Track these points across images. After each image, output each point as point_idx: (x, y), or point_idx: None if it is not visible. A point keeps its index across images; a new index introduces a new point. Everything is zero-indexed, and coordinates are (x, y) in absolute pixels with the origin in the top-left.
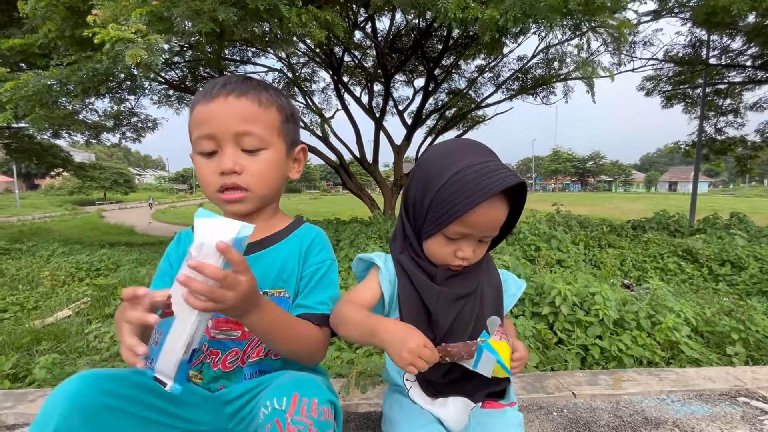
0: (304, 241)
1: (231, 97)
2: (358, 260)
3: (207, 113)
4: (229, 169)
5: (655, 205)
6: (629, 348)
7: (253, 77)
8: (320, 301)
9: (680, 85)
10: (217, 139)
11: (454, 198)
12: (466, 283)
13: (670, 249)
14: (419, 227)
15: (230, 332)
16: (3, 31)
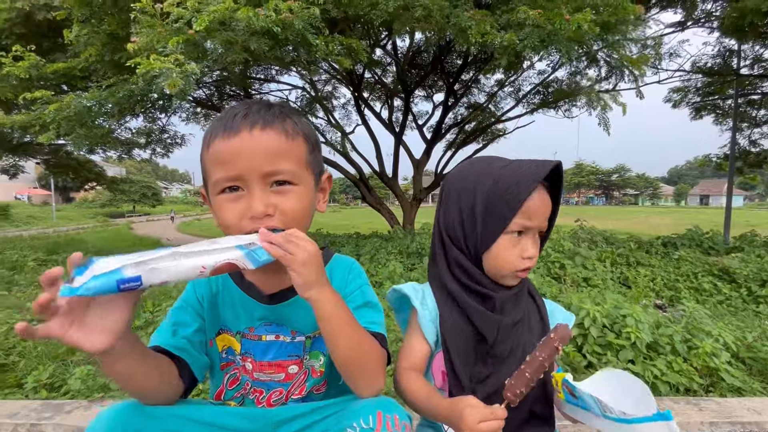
0: (340, 274)
1: (256, 131)
2: (392, 291)
3: (230, 151)
4: (262, 212)
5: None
6: (664, 374)
7: (271, 102)
8: (371, 320)
9: (710, 96)
10: (243, 180)
11: (510, 188)
12: (520, 305)
13: (704, 268)
14: (474, 241)
15: (273, 375)
16: (49, 56)
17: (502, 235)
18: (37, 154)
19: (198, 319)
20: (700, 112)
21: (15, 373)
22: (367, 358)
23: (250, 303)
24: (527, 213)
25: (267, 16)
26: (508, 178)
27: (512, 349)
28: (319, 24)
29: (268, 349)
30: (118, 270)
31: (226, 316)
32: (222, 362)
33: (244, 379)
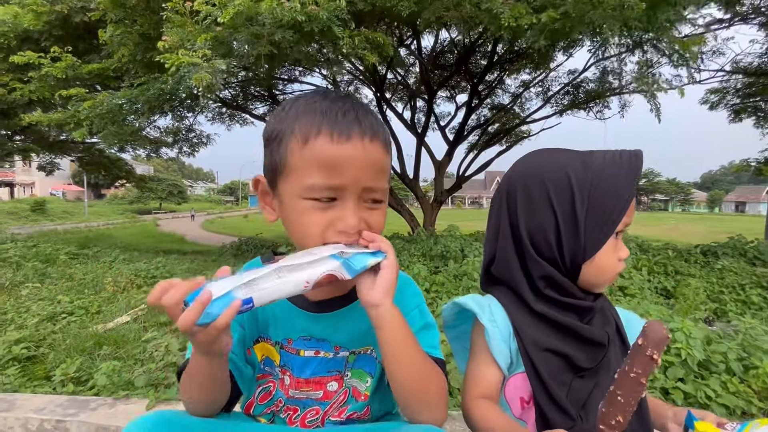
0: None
1: (367, 141)
2: (453, 305)
3: (339, 157)
4: (355, 227)
5: (720, 227)
6: (719, 395)
7: (350, 99)
8: (431, 344)
9: (751, 97)
10: (343, 191)
11: (614, 185)
12: (606, 316)
13: (752, 279)
14: (575, 248)
15: (311, 392)
16: (84, 57)
17: (612, 238)
18: (72, 152)
19: (238, 329)
20: (740, 115)
21: (44, 365)
22: (431, 385)
23: (292, 311)
24: (630, 209)
25: (291, 7)
26: (608, 171)
27: (608, 364)
28: (345, 16)
29: (306, 365)
30: (230, 294)
31: (266, 324)
32: (259, 373)
33: (278, 395)
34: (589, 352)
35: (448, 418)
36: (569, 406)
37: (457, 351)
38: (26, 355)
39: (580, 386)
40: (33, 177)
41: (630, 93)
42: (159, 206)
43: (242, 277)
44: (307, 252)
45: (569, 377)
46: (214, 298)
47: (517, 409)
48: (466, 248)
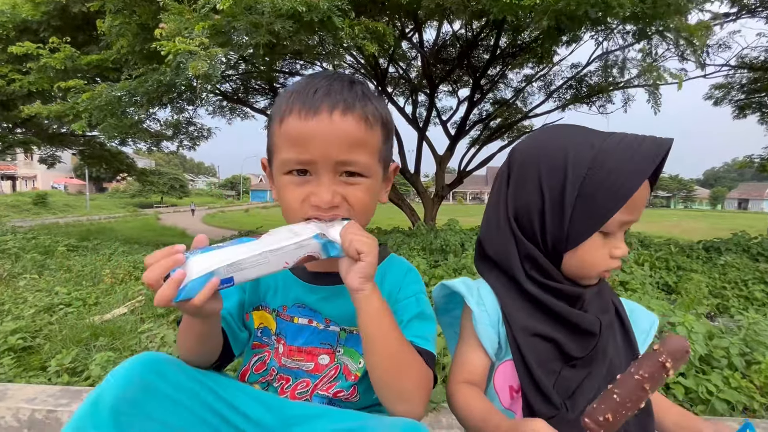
0: (396, 275)
1: (336, 114)
2: (441, 286)
3: (305, 133)
4: (328, 202)
5: (723, 224)
6: (721, 390)
7: (356, 79)
8: (420, 334)
9: (756, 93)
10: (314, 165)
11: (616, 174)
12: (603, 304)
13: (755, 275)
14: (557, 236)
15: (302, 363)
16: (83, 48)
17: (599, 233)
18: (73, 145)
19: (239, 292)
20: (744, 111)
21: (40, 356)
22: (406, 375)
23: (290, 279)
24: (632, 206)
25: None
26: (614, 158)
27: (604, 353)
28: (345, 6)
29: (300, 333)
30: (212, 274)
31: (266, 291)
32: (255, 341)
33: (272, 364)
34: (579, 340)
35: (443, 411)
36: (554, 395)
37: (450, 337)
38: (22, 346)
39: (571, 375)
40: (35, 170)
41: (633, 87)
42: (160, 200)
43: (226, 255)
44: (290, 230)
45: (559, 366)
46: (195, 277)
47: (506, 399)
48: (466, 242)
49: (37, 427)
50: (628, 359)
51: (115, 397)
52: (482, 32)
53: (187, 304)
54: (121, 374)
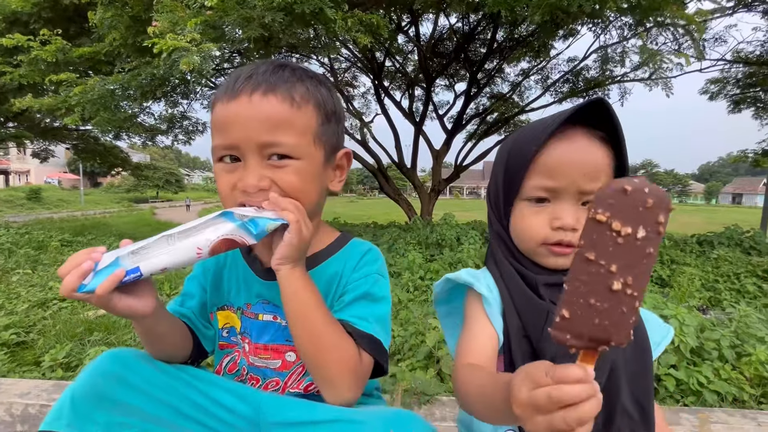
0: (351, 258)
1: (256, 96)
2: (445, 281)
3: (227, 116)
4: (254, 186)
5: (717, 218)
6: (711, 381)
7: (289, 63)
8: (361, 315)
9: (751, 87)
10: (239, 150)
11: (522, 144)
12: None
13: (747, 269)
14: (500, 212)
15: (269, 361)
16: (75, 41)
17: (520, 201)
18: (67, 139)
19: (201, 291)
20: (739, 105)
21: (34, 351)
22: (329, 357)
23: (250, 277)
24: (547, 170)
25: None
26: (526, 129)
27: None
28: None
29: (265, 330)
30: (117, 261)
31: (229, 290)
32: (221, 341)
33: (242, 364)
34: (531, 324)
35: (437, 403)
36: None
37: (448, 327)
38: (15, 341)
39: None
40: (28, 165)
41: (630, 81)
42: (156, 195)
43: (134, 245)
44: (203, 218)
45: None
46: (100, 268)
47: None
48: (462, 236)
49: (31, 421)
50: (637, 368)
51: (84, 392)
52: (479, 26)
53: (93, 297)
54: (90, 370)
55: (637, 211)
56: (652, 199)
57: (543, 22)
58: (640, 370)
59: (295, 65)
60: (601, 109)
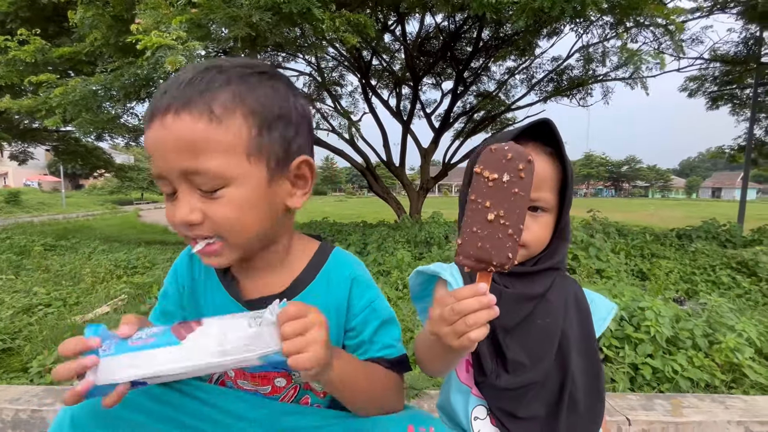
0: (341, 284)
1: (168, 117)
2: (416, 273)
3: (147, 144)
4: (183, 221)
5: (697, 212)
6: (685, 369)
7: (220, 63)
8: (384, 345)
9: (728, 85)
10: (166, 180)
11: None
12: (537, 283)
13: (722, 261)
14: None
15: (259, 387)
16: (54, 41)
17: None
18: (46, 141)
19: (180, 311)
20: (717, 102)
21: (20, 357)
22: (386, 403)
23: (229, 303)
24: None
25: None
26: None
27: (524, 328)
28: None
29: None
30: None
31: (205, 311)
32: None
33: (229, 385)
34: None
35: (425, 396)
36: (486, 360)
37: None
38: (1, 348)
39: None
40: (6, 167)
41: (613, 80)
42: (141, 197)
43: (142, 362)
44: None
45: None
46: (102, 384)
47: (462, 374)
48: (450, 234)
49: (23, 426)
50: (585, 342)
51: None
52: (465, 25)
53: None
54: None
55: (501, 162)
56: (511, 154)
57: (528, 21)
58: (585, 328)
59: (229, 63)
60: (549, 127)
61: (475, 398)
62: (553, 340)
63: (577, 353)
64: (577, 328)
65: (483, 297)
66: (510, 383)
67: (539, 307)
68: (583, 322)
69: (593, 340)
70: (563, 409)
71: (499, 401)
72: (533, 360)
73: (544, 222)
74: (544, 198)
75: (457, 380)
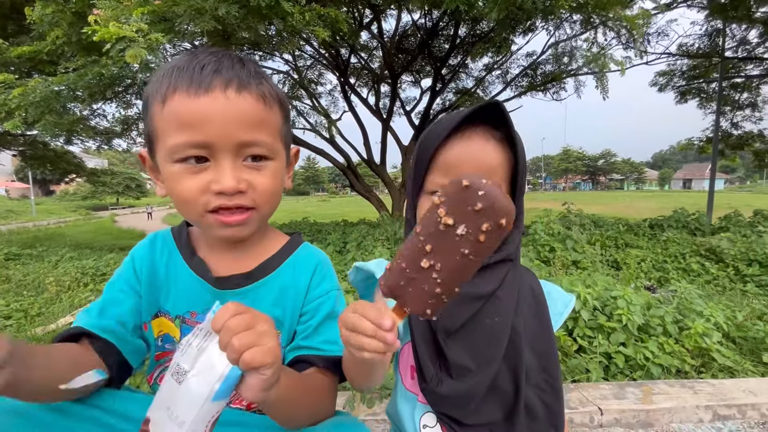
0: (305, 270)
1: (231, 92)
2: (356, 269)
3: (199, 112)
4: (233, 188)
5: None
6: (656, 356)
7: (242, 57)
8: (329, 339)
9: (695, 79)
10: (212, 149)
11: (428, 140)
12: (487, 280)
13: (692, 248)
14: (412, 207)
15: None
16: (13, 40)
17: (424, 194)
18: (12, 146)
19: (133, 296)
20: (685, 96)
21: None
22: (319, 412)
23: (196, 283)
24: (445, 167)
25: None
26: (429, 129)
27: (472, 327)
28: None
29: None
30: None
31: (167, 296)
32: (158, 351)
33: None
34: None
35: None
36: (427, 367)
37: None
38: None
39: (451, 348)
40: None
41: (583, 74)
42: (116, 201)
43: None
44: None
45: (431, 338)
46: None
47: (408, 380)
48: None
49: None
50: (540, 338)
51: None
52: (441, 21)
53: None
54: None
55: (465, 208)
56: (482, 204)
57: (500, 18)
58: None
59: (251, 60)
60: (500, 110)
61: (423, 406)
62: (501, 340)
63: (531, 351)
64: (532, 323)
65: (380, 331)
66: (453, 390)
67: (487, 306)
68: (540, 317)
69: (550, 335)
70: (519, 412)
71: (443, 408)
72: (480, 363)
73: None
74: None
75: (403, 387)
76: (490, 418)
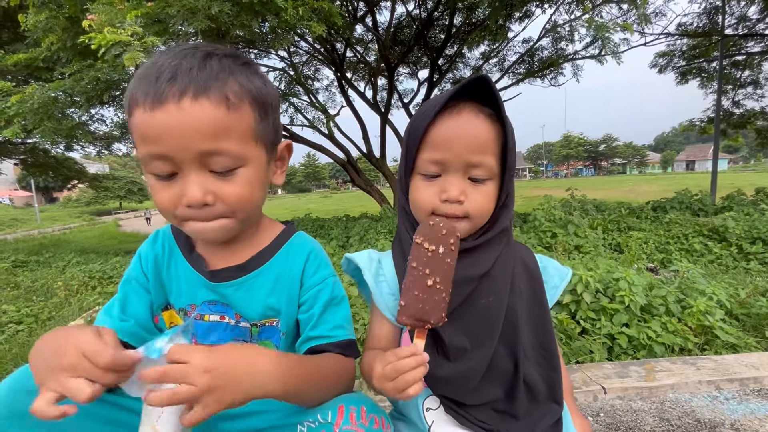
0: (297, 259)
1: (186, 102)
2: (346, 261)
3: (154, 126)
4: (199, 201)
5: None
6: (659, 335)
7: (215, 50)
8: (335, 325)
9: (695, 59)
10: (174, 161)
11: (418, 119)
12: (480, 261)
13: (694, 229)
14: (404, 186)
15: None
16: (8, 47)
17: (416, 175)
18: (13, 154)
19: (145, 295)
20: (686, 76)
21: None
22: (336, 384)
23: (193, 277)
24: (436, 144)
25: None
26: (426, 104)
27: (468, 309)
28: None
29: (211, 330)
30: None
31: (171, 291)
32: None
33: None
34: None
35: None
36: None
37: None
38: None
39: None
40: None
41: (581, 59)
42: (119, 206)
43: None
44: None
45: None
46: None
47: None
48: None
49: None
50: (536, 314)
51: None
52: (436, 11)
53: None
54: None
55: (437, 236)
56: (445, 230)
57: (493, 4)
58: (536, 299)
59: (222, 51)
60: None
61: (425, 389)
62: (497, 320)
63: (528, 327)
64: (528, 299)
65: (419, 356)
66: (451, 372)
67: (482, 286)
68: (536, 292)
69: (546, 310)
70: (519, 389)
71: (443, 391)
72: (476, 343)
73: (486, 191)
74: (486, 164)
75: None
76: (491, 397)
